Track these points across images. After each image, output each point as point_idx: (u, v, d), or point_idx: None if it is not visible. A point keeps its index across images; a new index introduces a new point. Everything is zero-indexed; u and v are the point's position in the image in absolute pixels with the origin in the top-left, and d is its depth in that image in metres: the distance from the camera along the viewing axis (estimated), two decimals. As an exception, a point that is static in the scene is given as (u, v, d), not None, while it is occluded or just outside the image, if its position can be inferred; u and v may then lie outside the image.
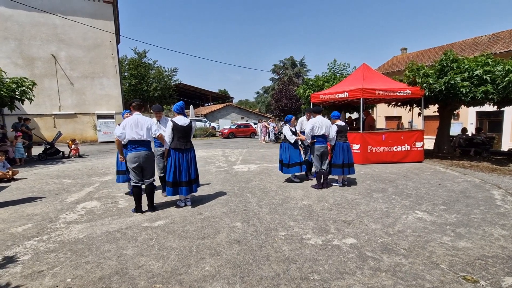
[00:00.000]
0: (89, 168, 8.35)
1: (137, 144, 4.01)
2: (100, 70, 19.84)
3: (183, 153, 4.28)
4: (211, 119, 32.48)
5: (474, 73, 7.79)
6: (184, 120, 4.28)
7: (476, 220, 3.83)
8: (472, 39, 19.16)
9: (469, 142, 10.81)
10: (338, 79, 12.80)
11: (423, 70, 8.99)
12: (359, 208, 4.34)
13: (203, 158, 10.17)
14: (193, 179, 4.40)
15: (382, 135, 8.62)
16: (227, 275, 2.52)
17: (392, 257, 2.81)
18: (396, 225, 3.65)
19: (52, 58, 18.35)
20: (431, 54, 20.44)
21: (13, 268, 2.68)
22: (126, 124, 3.97)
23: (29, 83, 10.04)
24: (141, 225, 3.74)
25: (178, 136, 4.24)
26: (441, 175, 6.77)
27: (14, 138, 9.59)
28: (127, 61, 35.05)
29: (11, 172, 6.77)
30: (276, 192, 5.33)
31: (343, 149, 5.58)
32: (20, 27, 17.42)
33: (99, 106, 19.81)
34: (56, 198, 5.13)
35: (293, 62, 44.30)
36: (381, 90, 8.31)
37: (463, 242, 3.14)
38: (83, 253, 2.96)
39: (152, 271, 2.59)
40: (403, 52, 25.23)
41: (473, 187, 5.62)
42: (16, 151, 9.34)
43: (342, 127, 5.65)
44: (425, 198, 4.88)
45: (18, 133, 9.84)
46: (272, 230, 3.53)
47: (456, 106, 10.07)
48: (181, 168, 4.24)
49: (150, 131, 4.09)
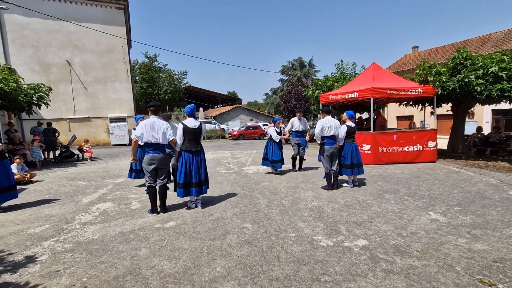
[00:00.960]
0: (103, 171, 8.56)
1: (153, 147, 4.14)
2: (113, 74, 20.33)
3: (193, 155, 4.37)
4: (220, 121, 32.70)
5: (489, 71, 7.57)
6: (194, 123, 4.37)
7: (493, 221, 3.71)
8: (486, 35, 18.61)
9: (484, 142, 10.48)
10: (348, 79, 12.69)
11: (436, 68, 8.79)
12: (371, 209, 4.28)
13: (213, 160, 10.26)
14: (203, 180, 4.48)
15: (393, 135, 8.48)
16: (238, 276, 2.54)
17: (405, 259, 2.77)
18: (409, 227, 3.59)
19: (66, 64, 18.93)
20: (443, 52, 19.97)
21: (32, 267, 2.78)
22: (144, 127, 4.08)
23: (45, 89, 10.40)
24: (153, 226, 3.81)
25: (189, 139, 4.33)
26: (455, 176, 6.60)
27: (31, 142, 9.95)
28: (138, 65, 35.79)
29: (29, 174, 7.01)
30: (286, 194, 5.32)
31: (352, 150, 5.56)
32: (36, 35, 18.07)
33: (112, 109, 20.28)
34: (72, 200, 5.28)
35: (301, 62, 44.16)
36: (392, 89, 8.18)
37: (479, 244, 3.06)
38: (98, 253, 3.04)
39: (164, 271, 2.64)
40: (414, 50, 24.74)
41: (490, 188, 5.45)
42: (34, 154, 9.67)
43: (351, 128, 5.60)
44: (438, 199, 4.77)
45: (36, 137, 10.23)
46: (282, 231, 3.53)
47: (470, 105, 9.80)
48: (191, 169, 4.32)
49: (166, 135, 4.19)
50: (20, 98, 9.04)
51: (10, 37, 17.36)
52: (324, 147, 5.44)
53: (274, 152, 6.93)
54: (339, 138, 5.50)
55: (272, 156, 6.93)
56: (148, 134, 4.06)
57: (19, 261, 2.93)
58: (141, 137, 4.08)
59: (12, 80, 8.86)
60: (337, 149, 5.49)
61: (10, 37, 17.34)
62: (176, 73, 39.01)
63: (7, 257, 3.02)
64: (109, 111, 20.11)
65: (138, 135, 4.09)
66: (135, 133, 4.18)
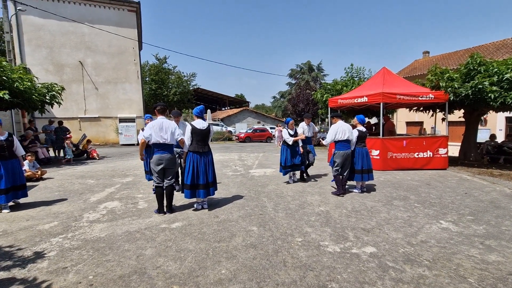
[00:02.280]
0: (111, 170, 8.67)
1: (161, 148, 4.16)
2: (123, 75, 20.67)
3: (201, 156, 4.37)
4: (228, 123, 32.82)
5: (504, 77, 7.38)
6: (202, 124, 4.38)
7: (507, 232, 3.59)
8: (501, 41, 18.22)
9: (498, 150, 10.20)
10: (357, 83, 12.57)
11: (448, 74, 8.63)
12: (379, 216, 4.20)
13: (220, 162, 10.27)
14: (211, 182, 4.46)
15: (403, 141, 8.34)
16: (243, 279, 2.51)
17: (415, 269, 2.69)
18: (419, 235, 3.50)
19: (79, 64, 19.35)
20: (455, 58, 19.63)
21: (40, 263, 2.81)
22: (152, 127, 4.11)
23: (58, 88, 10.64)
24: (159, 226, 3.82)
25: (197, 140, 4.34)
26: (467, 184, 6.43)
27: (64, 140, 10.70)
28: (148, 66, 36.32)
29: (40, 172, 7.15)
30: (292, 197, 5.27)
31: (362, 155, 5.49)
32: (51, 36, 18.55)
33: (121, 110, 20.59)
34: (80, 198, 5.35)
35: (310, 66, 44.07)
36: (402, 94, 8.06)
37: (493, 256, 2.95)
38: (104, 252, 3.06)
39: (169, 272, 2.63)
40: (425, 55, 24.41)
41: (504, 197, 5.28)
42: (66, 152, 10.43)
43: (362, 133, 5.55)
44: (450, 207, 4.64)
45: (69, 135, 10.80)
46: (288, 235, 3.49)
47: (483, 112, 9.56)
48: (199, 171, 4.31)
49: (174, 135, 4.21)
50: (34, 97, 9.25)
51: (26, 37, 17.87)
52: (338, 152, 5.35)
53: (288, 156, 6.22)
54: (351, 142, 5.43)
55: (285, 162, 6.22)
56: (156, 135, 4.09)
57: (28, 256, 2.97)
58: (150, 138, 4.11)
59: (27, 80, 9.08)
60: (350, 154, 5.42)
61: (26, 38, 17.85)
62: (185, 75, 39.42)
63: (17, 252, 3.06)
64: (119, 111, 20.42)
65: (147, 136, 4.12)
66: (143, 134, 4.19)
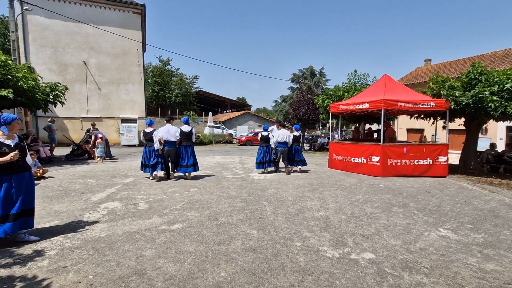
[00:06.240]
0: (112, 170, 8.70)
1: (168, 143, 7.04)
2: (126, 76, 20.81)
3: (186, 147, 7.20)
4: (229, 126, 32.89)
5: (504, 87, 7.43)
6: (187, 128, 7.21)
7: (506, 241, 3.60)
8: (502, 50, 18.32)
9: (498, 159, 10.21)
10: (359, 90, 12.63)
11: (449, 82, 8.68)
12: (378, 222, 4.21)
13: (220, 165, 10.30)
14: (191, 164, 7.17)
15: (403, 148, 8.36)
16: (242, 282, 2.53)
17: (413, 276, 2.70)
18: (418, 242, 3.51)
19: (83, 64, 19.51)
20: (457, 66, 19.73)
21: (41, 262, 2.83)
22: (163, 131, 6.95)
23: (61, 88, 10.74)
24: (159, 227, 3.84)
25: (183, 138, 7.19)
26: (467, 192, 6.44)
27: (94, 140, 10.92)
28: (151, 68, 36.54)
29: (41, 170, 7.18)
30: (292, 202, 5.29)
31: (297, 151, 8.81)
32: (56, 36, 18.73)
33: (123, 110, 20.69)
34: (81, 197, 5.38)
35: (312, 71, 44.22)
36: (404, 102, 8.10)
37: (491, 264, 2.96)
38: (104, 252, 3.08)
39: (169, 273, 2.65)
40: (427, 63, 24.52)
41: (503, 206, 5.29)
42: (99, 151, 10.72)
43: (296, 137, 8.76)
44: (449, 215, 4.65)
45: (99, 135, 10.92)
46: (287, 240, 3.51)
47: (484, 121, 9.59)
48: (183, 156, 7.17)
49: (175, 136, 7.06)
50: (38, 96, 9.34)
51: (31, 37, 18.05)
52: (279, 149, 8.46)
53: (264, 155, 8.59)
54: (289, 143, 8.54)
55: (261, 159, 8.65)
56: (165, 135, 6.97)
57: (28, 254, 2.99)
58: (163, 137, 6.95)
59: (31, 79, 9.17)
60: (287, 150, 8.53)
61: (31, 37, 18.04)
62: (188, 77, 39.66)
63: (17, 250, 3.09)
64: (121, 112, 20.52)
65: (161, 136, 6.94)
66: (158, 135, 6.89)
